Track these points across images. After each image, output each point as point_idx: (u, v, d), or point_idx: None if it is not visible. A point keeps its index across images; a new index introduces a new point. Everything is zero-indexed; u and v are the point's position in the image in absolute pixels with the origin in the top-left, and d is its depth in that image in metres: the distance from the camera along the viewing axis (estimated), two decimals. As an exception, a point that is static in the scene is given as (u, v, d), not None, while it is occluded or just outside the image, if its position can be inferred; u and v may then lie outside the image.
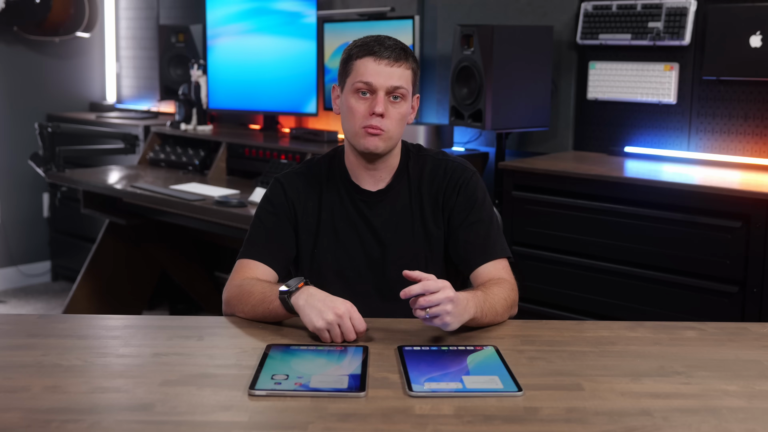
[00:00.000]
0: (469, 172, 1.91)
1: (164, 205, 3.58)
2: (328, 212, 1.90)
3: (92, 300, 4.18)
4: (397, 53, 1.80)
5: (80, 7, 5.02)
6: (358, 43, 1.84)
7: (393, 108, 1.81)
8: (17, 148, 4.98)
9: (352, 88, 1.81)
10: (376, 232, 1.89)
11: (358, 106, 1.81)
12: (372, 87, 1.79)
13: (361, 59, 1.81)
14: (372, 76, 1.79)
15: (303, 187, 1.92)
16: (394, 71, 1.79)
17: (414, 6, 3.86)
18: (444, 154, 1.95)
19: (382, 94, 1.79)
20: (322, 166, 1.94)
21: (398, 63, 1.80)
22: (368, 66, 1.80)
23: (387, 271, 1.88)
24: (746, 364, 1.54)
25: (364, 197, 1.89)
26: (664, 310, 2.84)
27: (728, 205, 2.71)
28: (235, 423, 1.27)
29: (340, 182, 1.91)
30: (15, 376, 1.43)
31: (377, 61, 1.79)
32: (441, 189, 1.89)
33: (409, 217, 1.89)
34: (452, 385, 1.39)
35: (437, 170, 1.91)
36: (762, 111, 3.10)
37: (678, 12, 3.19)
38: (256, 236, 1.90)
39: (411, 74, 1.83)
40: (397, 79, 1.79)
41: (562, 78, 3.55)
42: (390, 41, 1.82)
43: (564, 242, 3.08)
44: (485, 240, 1.85)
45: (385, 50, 1.80)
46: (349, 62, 1.84)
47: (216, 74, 4.40)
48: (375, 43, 1.81)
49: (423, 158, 1.93)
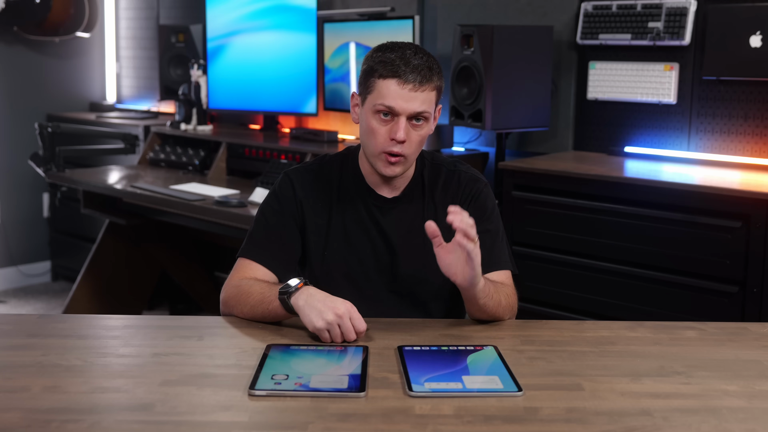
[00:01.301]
0: (481, 184, 1.90)
1: (164, 205, 3.58)
2: (340, 215, 1.87)
3: (92, 300, 4.18)
4: (423, 75, 1.72)
5: (80, 7, 5.02)
6: (382, 59, 1.74)
7: (414, 131, 1.76)
8: (17, 148, 4.98)
9: (373, 108, 1.75)
10: (388, 238, 1.87)
11: (378, 129, 1.75)
12: (394, 111, 1.73)
13: (385, 80, 1.72)
14: (394, 101, 1.72)
15: (313, 185, 1.88)
16: (418, 96, 1.72)
17: (414, 6, 3.86)
18: (457, 165, 1.92)
19: (403, 120, 1.73)
20: (334, 166, 1.90)
21: (422, 87, 1.72)
22: (391, 89, 1.72)
23: (396, 278, 1.86)
24: (746, 364, 1.54)
25: (379, 203, 1.87)
26: (664, 310, 2.84)
27: (728, 205, 2.71)
28: (235, 423, 1.27)
29: (354, 185, 1.88)
30: (15, 376, 1.43)
31: (402, 85, 1.71)
32: (456, 200, 1.86)
33: (421, 225, 1.87)
34: (452, 385, 1.39)
35: (450, 181, 1.89)
36: (762, 111, 3.10)
37: (678, 12, 3.19)
38: (258, 234, 1.87)
39: (435, 94, 1.76)
40: (420, 104, 1.73)
41: (562, 78, 3.55)
42: (416, 59, 1.73)
43: (564, 242, 3.08)
44: (490, 250, 1.82)
45: (410, 73, 1.71)
46: (370, 77, 1.76)
47: (216, 74, 4.41)
48: (401, 62, 1.72)
49: (437, 167, 1.90)
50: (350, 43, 3.88)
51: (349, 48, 3.89)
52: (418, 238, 1.84)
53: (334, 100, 4.02)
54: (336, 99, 4.00)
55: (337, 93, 3.99)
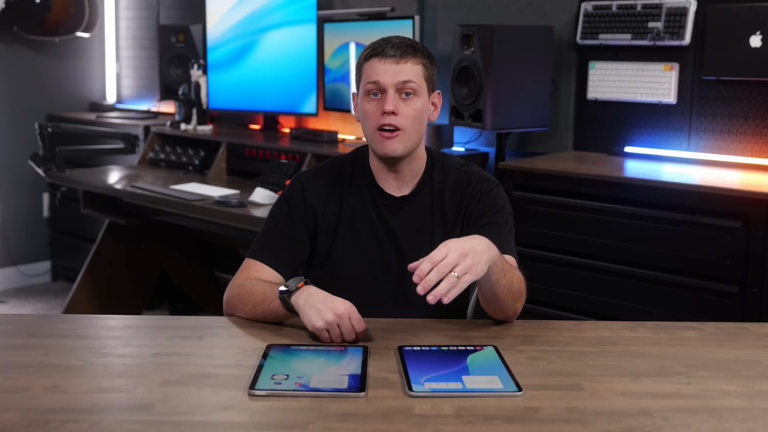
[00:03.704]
0: (493, 183, 1.89)
1: (164, 205, 3.58)
2: (349, 214, 1.87)
3: (92, 300, 4.18)
4: (403, 49, 1.78)
5: (80, 7, 5.02)
6: (368, 47, 1.83)
7: (405, 105, 1.78)
8: (17, 148, 4.98)
9: (364, 91, 1.81)
10: (396, 238, 1.86)
11: (369, 108, 1.79)
12: (380, 86, 1.78)
13: (368, 61, 1.80)
14: (378, 75, 1.78)
15: (324, 187, 1.89)
16: (401, 68, 1.77)
17: (414, 6, 3.86)
18: (468, 166, 1.92)
19: (391, 92, 1.77)
20: (346, 165, 1.91)
21: (404, 59, 1.78)
22: (374, 66, 1.78)
23: (403, 278, 1.85)
24: (746, 364, 1.54)
25: (387, 202, 1.87)
26: (664, 310, 2.84)
27: (728, 205, 2.71)
28: (235, 423, 1.27)
29: (364, 184, 1.88)
30: (15, 376, 1.43)
31: (382, 60, 1.78)
32: (465, 198, 1.86)
33: (430, 225, 1.87)
34: (452, 385, 1.39)
35: (461, 181, 1.88)
36: (762, 111, 3.10)
37: (678, 12, 3.19)
38: (266, 236, 1.88)
39: (422, 69, 1.80)
40: (405, 74, 1.77)
41: (562, 78, 3.55)
42: (397, 39, 1.81)
43: (564, 242, 3.08)
44: (495, 238, 1.82)
45: (390, 48, 1.78)
46: (360, 67, 1.83)
47: (216, 74, 4.41)
48: (381, 44, 1.80)
49: (447, 168, 1.90)
50: (350, 43, 3.88)
51: (349, 48, 3.89)
52: (426, 238, 1.85)
53: (334, 100, 4.02)
54: (336, 99, 4.00)
55: (337, 93, 3.99)
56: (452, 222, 1.87)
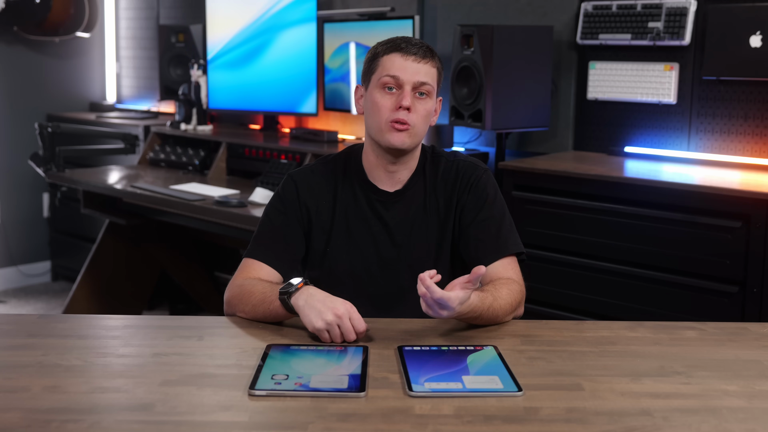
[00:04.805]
0: (480, 170, 1.91)
1: (164, 205, 3.58)
2: (342, 211, 1.88)
3: (92, 300, 4.18)
4: (424, 51, 1.81)
5: (80, 7, 5.02)
6: (384, 42, 1.85)
7: (419, 104, 1.81)
8: (17, 148, 4.98)
9: (379, 83, 1.81)
10: (392, 232, 1.87)
11: (384, 101, 1.80)
12: (399, 81, 1.79)
13: (388, 55, 1.81)
14: (399, 71, 1.79)
15: (317, 185, 1.90)
16: (421, 67, 1.80)
17: (414, 6, 3.86)
18: (456, 155, 1.95)
19: (408, 89, 1.79)
20: (338, 163, 1.92)
21: (425, 60, 1.80)
22: (395, 61, 1.80)
23: (400, 273, 1.87)
24: (746, 364, 1.54)
25: (381, 197, 1.88)
26: (664, 310, 2.84)
27: (728, 205, 2.71)
28: (235, 423, 1.26)
29: (356, 181, 1.90)
30: (15, 376, 1.43)
31: (404, 56, 1.80)
32: (455, 189, 1.88)
33: (425, 218, 1.88)
34: (452, 385, 1.39)
35: (450, 171, 1.90)
36: (762, 111, 3.10)
37: (678, 12, 3.19)
38: (262, 235, 1.88)
39: (436, 73, 1.84)
40: (423, 75, 1.80)
41: (562, 78, 3.55)
42: (416, 40, 1.84)
43: (564, 242, 3.08)
44: (496, 237, 1.84)
45: (412, 47, 1.81)
46: (375, 60, 1.84)
47: (216, 74, 4.40)
48: (402, 41, 1.82)
49: (437, 160, 1.92)
50: (350, 43, 3.88)
51: (349, 48, 3.89)
52: (421, 231, 1.86)
53: (334, 100, 4.02)
54: (336, 99, 4.00)
55: (337, 93, 3.99)
56: (445, 214, 1.88)
